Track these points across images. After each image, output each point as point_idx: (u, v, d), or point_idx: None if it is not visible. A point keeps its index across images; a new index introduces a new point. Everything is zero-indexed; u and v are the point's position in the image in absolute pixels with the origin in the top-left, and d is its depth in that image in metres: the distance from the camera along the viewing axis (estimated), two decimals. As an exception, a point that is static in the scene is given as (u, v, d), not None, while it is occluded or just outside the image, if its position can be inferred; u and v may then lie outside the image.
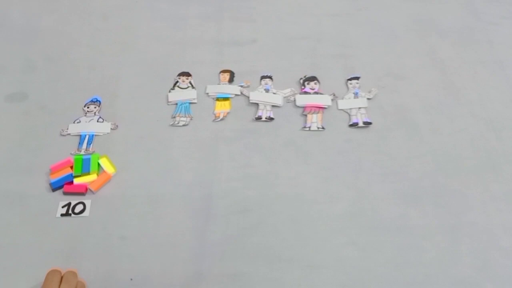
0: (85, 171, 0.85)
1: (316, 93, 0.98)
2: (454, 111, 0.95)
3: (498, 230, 0.79)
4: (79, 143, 0.90)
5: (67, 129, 0.92)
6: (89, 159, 0.87)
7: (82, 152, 0.89)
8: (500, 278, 0.74)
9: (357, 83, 0.99)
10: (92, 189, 0.83)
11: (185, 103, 0.97)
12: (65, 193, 0.83)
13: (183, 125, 0.93)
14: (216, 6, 1.16)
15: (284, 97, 0.98)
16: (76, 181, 0.84)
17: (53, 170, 0.86)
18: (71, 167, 0.86)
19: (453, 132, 0.92)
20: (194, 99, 0.97)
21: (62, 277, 0.70)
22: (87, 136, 0.91)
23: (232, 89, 0.99)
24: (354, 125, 0.93)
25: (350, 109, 0.95)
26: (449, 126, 0.93)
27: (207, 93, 0.98)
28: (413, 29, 1.10)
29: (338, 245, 0.77)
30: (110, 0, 1.17)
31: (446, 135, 0.91)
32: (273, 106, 0.96)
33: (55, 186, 0.84)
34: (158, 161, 0.88)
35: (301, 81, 1.00)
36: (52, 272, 0.70)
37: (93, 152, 0.89)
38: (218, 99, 0.97)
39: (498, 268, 0.75)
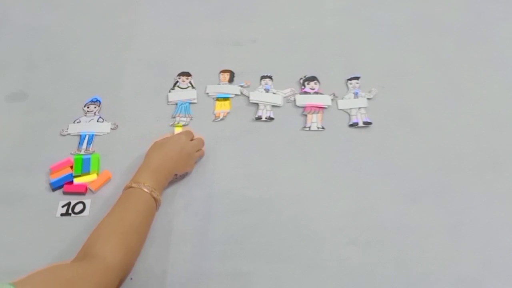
0: (85, 171, 0.85)
1: (316, 93, 0.98)
2: (455, 110, 0.95)
3: (500, 228, 0.79)
4: (79, 143, 0.90)
5: (67, 129, 0.92)
6: (89, 159, 0.87)
7: (82, 152, 0.89)
8: (501, 277, 0.74)
9: (357, 83, 0.99)
10: (92, 189, 0.83)
11: (185, 103, 0.97)
12: (65, 193, 0.83)
13: (183, 125, 0.93)
14: (216, 6, 1.16)
15: (284, 97, 0.98)
16: (76, 181, 0.84)
17: (53, 170, 0.86)
18: (71, 167, 0.86)
19: (454, 131, 0.92)
20: (194, 99, 0.97)
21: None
22: (87, 136, 0.91)
23: (232, 89, 0.99)
24: (354, 125, 0.93)
25: (350, 109, 0.95)
26: (450, 125, 0.93)
27: (207, 93, 0.98)
28: (414, 28, 1.10)
29: (338, 245, 0.77)
30: None
31: (446, 134, 0.91)
32: (273, 106, 0.96)
33: (55, 186, 0.84)
34: (158, 161, 0.88)
35: (301, 81, 1.00)
36: (189, 131, 0.88)
37: (93, 152, 0.89)
38: (218, 99, 0.97)
39: (500, 267, 0.75)
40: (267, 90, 0.98)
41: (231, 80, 1.01)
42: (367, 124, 0.93)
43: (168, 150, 0.81)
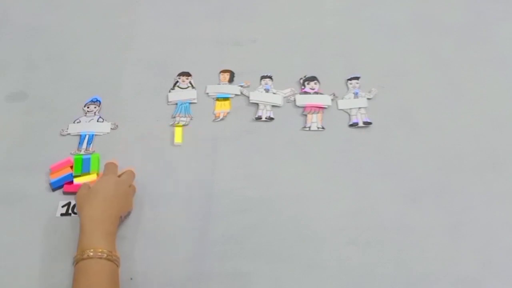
0: (85, 171, 0.85)
1: (316, 93, 0.98)
2: (455, 110, 0.95)
3: (500, 228, 0.79)
4: (79, 143, 0.90)
5: (67, 129, 0.92)
6: (89, 159, 0.87)
7: (82, 152, 0.89)
8: (501, 277, 0.74)
9: (357, 83, 0.99)
10: None
11: (185, 103, 0.97)
12: (65, 193, 0.83)
13: (183, 125, 0.93)
14: (216, 6, 1.16)
15: (284, 97, 0.98)
16: (76, 181, 0.84)
17: (53, 170, 0.86)
18: (71, 167, 0.86)
19: (454, 131, 0.92)
20: (194, 99, 0.97)
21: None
22: (87, 136, 0.91)
23: (232, 89, 0.99)
24: (354, 125, 0.93)
25: (350, 109, 0.95)
26: (450, 125, 0.93)
27: (207, 93, 0.98)
28: (414, 28, 1.10)
29: (338, 245, 0.77)
30: (110, -1, 1.18)
31: (446, 134, 0.91)
32: (273, 106, 0.96)
33: (55, 186, 0.84)
34: (158, 161, 0.88)
35: (301, 81, 1.00)
36: (113, 164, 0.82)
37: (93, 152, 0.89)
38: (218, 99, 0.97)
39: (500, 267, 0.75)
40: (267, 90, 0.98)
41: (231, 80, 1.01)
42: (367, 124, 0.93)
43: (103, 195, 0.74)
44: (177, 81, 1.00)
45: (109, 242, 0.70)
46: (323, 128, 0.92)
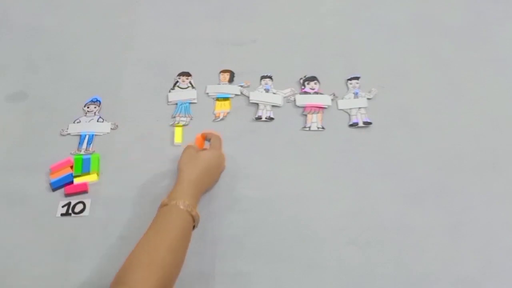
0: (85, 171, 0.85)
1: (316, 93, 0.98)
2: (455, 110, 0.95)
3: (500, 228, 0.79)
4: (79, 143, 0.90)
5: (67, 129, 0.92)
6: (89, 159, 0.87)
7: (82, 152, 0.89)
8: (501, 277, 0.74)
9: (357, 83, 0.99)
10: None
11: (185, 103, 0.97)
12: (67, 195, 0.83)
13: (183, 125, 0.93)
14: (216, 6, 1.16)
15: (284, 97, 0.98)
16: (76, 181, 0.84)
17: (53, 170, 0.86)
18: (71, 167, 0.86)
19: (454, 131, 0.92)
20: (194, 99, 0.97)
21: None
22: (87, 136, 0.91)
23: (232, 89, 0.99)
24: (354, 125, 0.93)
25: (350, 109, 0.95)
26: (450, 125, 0.93)
27: (207, 93, 0.98)
28: (414, 28, 1.10)
29: (338, 245, 0.77)
30: None
31: (446, 134, 0.91)
32: (273, 106, 0.96)
33: (55, 186, 0.84)
34: (158, 161, 0.88)
35: (301, 81, 1.00)
36: (219, 139, 0.85)
37: (93, 152, 0.89)
38: (218, 99, 0.97)
39: (500, 267, 0.75)
40: (267, 90, 0.98)
41: (231, 80, 1.01)
42: (367, 124, 0.93)
43: (207, 167, 0.79)
44: (177, 81, 1.00)
45: (195, 202, 0.74)
46: (323, 128, 0.92)
